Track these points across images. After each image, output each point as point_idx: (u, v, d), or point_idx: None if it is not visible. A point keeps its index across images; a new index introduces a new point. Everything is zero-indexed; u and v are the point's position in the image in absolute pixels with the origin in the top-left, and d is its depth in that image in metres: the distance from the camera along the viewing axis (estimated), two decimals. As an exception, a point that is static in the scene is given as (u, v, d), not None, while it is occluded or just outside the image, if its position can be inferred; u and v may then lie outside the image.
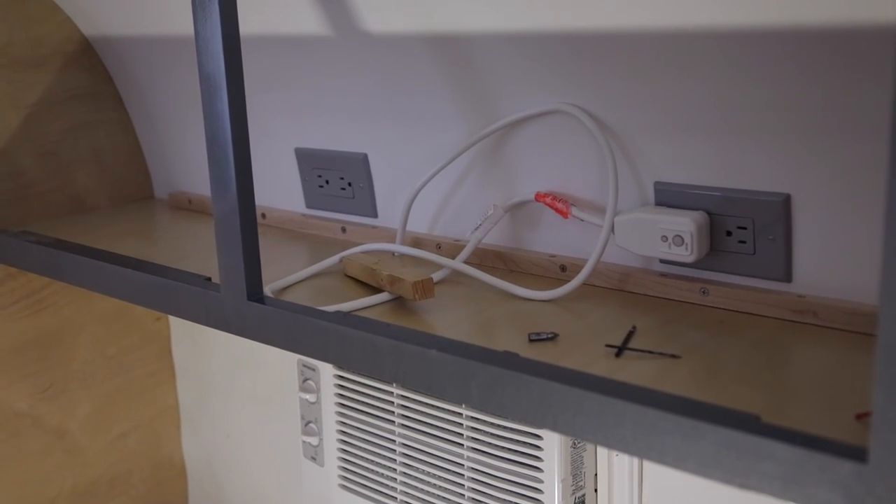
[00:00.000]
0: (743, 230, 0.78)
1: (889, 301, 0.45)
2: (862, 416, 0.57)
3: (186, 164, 1.28)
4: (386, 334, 0.70)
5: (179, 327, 1.43)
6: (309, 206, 1.13)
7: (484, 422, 0.95)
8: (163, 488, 1.48)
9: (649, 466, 0.93)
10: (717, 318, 0.78)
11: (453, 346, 0.67)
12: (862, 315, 0.73)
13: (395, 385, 1.03)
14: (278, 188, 1.16)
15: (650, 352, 0.70)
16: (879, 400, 0.47)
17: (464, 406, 0.96)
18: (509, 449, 0.93)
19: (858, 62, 0.67)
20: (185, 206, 1.28)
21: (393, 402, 1.03)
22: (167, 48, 1.16)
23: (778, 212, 0.76)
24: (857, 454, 0.48)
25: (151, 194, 1.36)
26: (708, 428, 0.54)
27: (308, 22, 0.96)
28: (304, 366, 1.13)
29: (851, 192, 0.72)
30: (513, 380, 0.63)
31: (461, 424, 0.97)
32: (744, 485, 0.52)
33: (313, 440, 1.14)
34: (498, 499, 0.95)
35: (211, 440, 1.44)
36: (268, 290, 0.86)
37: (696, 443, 0.54)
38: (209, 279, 0.87)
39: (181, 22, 1.09)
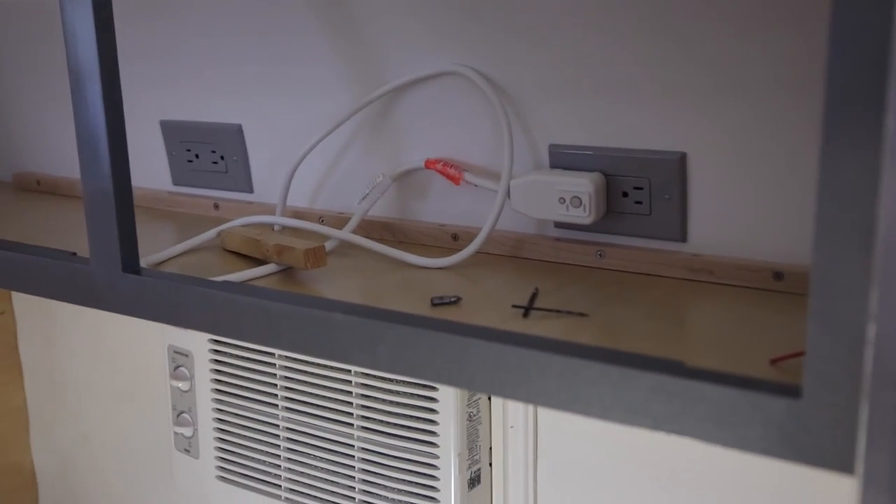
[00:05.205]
0: (639, 190, 0.78)
1: (822, 237, 0.45)
2: (777, 360, 0.57)
3: (33, 141, 1.17)
4: (284, 300, 0.65)
5: (27, 322, 1.32)
6: (176, 182, 1.06)
7: (376, 399, 0.91)
8: (10, 499, 1.36)
9: (544, 439, 0.91)
10: (614, 280, 0.78)
11: (358, 308, 0.64)
12: (756, 271, 0.74)
13: (277, 366, 0.97)
14: (141, 165, 1.07)
15: (557, 311, 0.69)
16: (812, 334, 0.46)
17: (353, 384, 0.92)
18: (403, 426, 0.90)
19: (749, 21, 0.67)
20: (33, 188, 1.18)
21: (276, 385, 0.98)
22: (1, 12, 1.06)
23: (673, 170, 0.76)
24: (791, 391, 0.48)
25: (-8, 176, 1.24)
26: (636, 374, 0.52)
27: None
28: (176, 352, 1.06)
29: (744, 150, 0.73)
30: (425, 339, 0.59)
31: (351, 403, 0.93)
32: (675, 430, 0.51)
33: (187, 431, 1.07)
34: (392, 478, 0.91)
35: (65, 442, 1.33)
36: (142, 263, 0.80)
37: (623, 391, 0.53)
38: (74, 254, 0.79)
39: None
